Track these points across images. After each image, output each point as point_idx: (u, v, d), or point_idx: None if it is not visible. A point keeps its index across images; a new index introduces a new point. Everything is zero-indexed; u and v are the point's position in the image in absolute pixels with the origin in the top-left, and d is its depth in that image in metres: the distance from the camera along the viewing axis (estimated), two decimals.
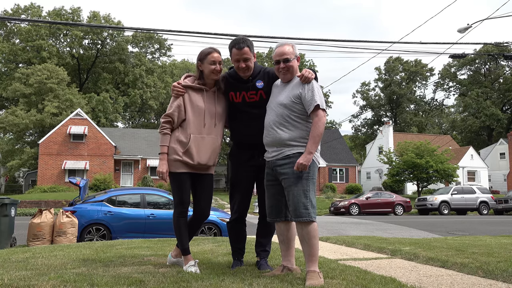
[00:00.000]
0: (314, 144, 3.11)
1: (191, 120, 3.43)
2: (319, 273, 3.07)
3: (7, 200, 8.21)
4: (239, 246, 3.73)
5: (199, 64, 3.51)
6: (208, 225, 9.42)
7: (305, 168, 3.07)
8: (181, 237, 3.51)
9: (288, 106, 3.22)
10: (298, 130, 3.20)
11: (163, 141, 3.45)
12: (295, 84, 3.28)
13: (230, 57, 3.49)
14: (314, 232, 3.13)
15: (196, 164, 3.44)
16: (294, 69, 3.32)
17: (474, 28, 16.05)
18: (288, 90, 3.28)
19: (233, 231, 3.73)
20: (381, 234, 10.77)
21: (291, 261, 3.40)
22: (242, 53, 3.37)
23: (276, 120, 3.24)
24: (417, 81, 65.39)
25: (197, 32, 11.78)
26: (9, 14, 46.47)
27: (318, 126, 3.12)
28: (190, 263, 3.40)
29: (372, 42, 23.97)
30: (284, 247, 3.41)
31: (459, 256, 4.27)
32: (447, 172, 30.23)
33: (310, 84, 3.21)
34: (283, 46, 3.32)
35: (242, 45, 3.38)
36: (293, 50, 3.31)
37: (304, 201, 3.11)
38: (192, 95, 3.47)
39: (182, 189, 3.47)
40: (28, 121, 36.16)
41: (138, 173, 35.09)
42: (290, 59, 3.28)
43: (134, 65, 52.15)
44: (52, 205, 21.48)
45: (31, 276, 3.08)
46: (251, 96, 3.49)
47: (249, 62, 3.40)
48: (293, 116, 3.21)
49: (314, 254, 3.12)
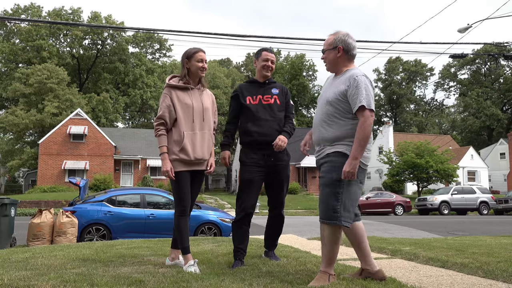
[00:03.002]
0: (360, 147, 2.85)
1: (182, 119, 3.54)
2: (330, 275, 2.96)
3: (7, 200, 8.21)
4: (242, 246, 3.77)
5: (186, 62, 3.65)
6: (208, 225, 9.42)
7: (353, 176, 2.85)
8: (181, 236, 3.53)
9: (333, 103, 3.03)
10: (343, 129, 2.99)
11: (161, 142, 3.53)
12: (343, 79, 3.05)
13: (257, 59, 3.97)
14: (337, 238, 2.95)
15: (193, 160, 3.54)
16: (331, 60, 3.13)
17: (474, 28, 16.05)
18: (335, 86, 3.09)
19: (238, 231, 3.78)
20: (381, 234, 10.77)
21: (367, 262, 3.11)
22: (271, 55, 3.96)
23: (321, 118, 3.10)
24: (417, 81, 65.43)
25: (198, 32, 11.77)
26: (9, 14, 46.47)
27: (364, 128, 2.85)
28: (190, 263, 3.40)
29: (372, 42, 23.93)
30: (355, 248, 3.20)
31: (459, 256, 4.27)
32: (447, 172, 30.22)
33: (355, 80, 2.94)
34: (328, 37, 3.18)
35: (271, 50, 4.05)
36: (332, 41, 3.11)
37: (334, 204, 2.92)
38: (179, 94, 3.59)
39: (182, 187, 3.52)
40: (28, 121, 36.15)
41: (138, 173, 35.07)
42: (325, 50, 3.16)
43: (134, 65, 52.16)
44: (52, 205, 21.48)
45: (31, 276, 3.08)
46: (266, 99, 3.87)
47: (273, 65, 3.96)
48: (337, 114, 3.01)
49: (330, 257, 2.98)
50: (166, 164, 3.46)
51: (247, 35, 20.19)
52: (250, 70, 62.00)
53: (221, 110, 46.51)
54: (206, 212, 9.67)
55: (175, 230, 3.65)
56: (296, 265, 3.65)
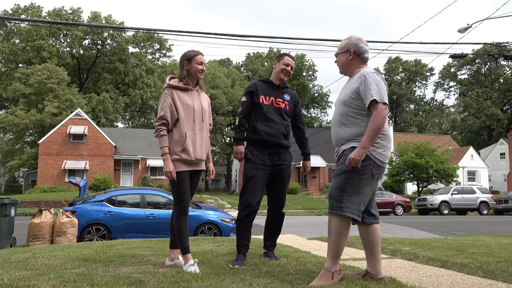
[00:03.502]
0: (369, 138, 2.89)
1: (183, 119, 3.55)
2: (334, 272, 2.94)
3: (7, 200, 8.21)
4: (246, 242, 3.84)
5: (186, 63, 3.67)
6: (208, 225, 9.43)
7: (357, 163, 2.88)
8: (181, 236, 3.53)
9: (347, 102, 3.09)
10: (358, 126, 3.03)
11: (163, 143, 3.52)
12: (355, 78, 3.13)
13: (278, 62, 4.04)
14: (341, 229, 2.94)
15: (194, 160, 3.57)
16: (343, 63, 3.23)
17: (474, 28, 16.06)
18: (348, 86, 3.17)
19: (243, 227, 3.84)
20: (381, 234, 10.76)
21: (375, 268, 3.11)
22: (292, 62, 4.06)
23: (337, 119, 3.16)
24: (417, 81, 65.45)
25: (198, 32, 11.76)
26: (9, 14, 46.47)
27: (376, 120, 2.89)
28: (190, 263, 3.40)
29: (372, 42, 23.85)
30: (366, 251, 3.19)
31: (459, 256, 4.27)
32: (447, 172, 30.22)
33: (366, 77, 3.01)
34: (342, 41, 3.29)
35: (293, 57, 4.15)
36: (344, 45, 3.22)
37: (338, 194, 2.95)
38: (180, 95, 3.60)
39: (182, 188, 3.53)
40: (28, 121, 36.15)
41: (138, 173, 35.07)
42: (338, 53, 3.27)
43: (134, 65, 52.16)
44: (52, 205, 21.48)
45: (31, 276, 3.08)
46: (278, 102, 3.98)
47: (292, 71, 4.06)
48: (352, 113, 3.06)
49: (334, 250, 2.97)
50: (169, 165, 3.46)
51: (247, 35, 20.20)
52: (250, 70, 61.96)
53: (221, 110, 46.49)
54: (206, 212, 9.67)
55: (173, 230, 3.65)
56: (296, 265, 3.65)
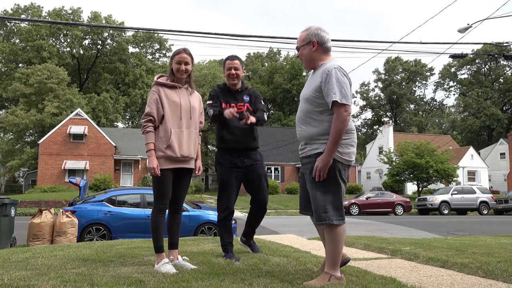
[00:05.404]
0: (333, 144, 2.84)
1: (169, 116, 3.55)
2: (331, 276, 2.92)
3: (7, 200, 8.21)
4: (230, 240, 4.04)
5: (170, 62, 3.73)
6: (208, 225, 9.43)
7: (324, 171, 2.86)
8: (157, 233, 3.50)
9: (309, 101, 3.00)
10: (321, 126, 2.95)
11: (148, 139, 3.51)
12: (318, 74, 2.99)
13: (224, 69, 4.13)
14: (336, 236, 2.92)
15: (180, 157, 3.54)
16: (307, 56, 3.08)
17: (474, 28, 16.05)
18: (311, 82, 3.04)
19: (225, 227, 4.06)
20: (381, 234, 10.77)
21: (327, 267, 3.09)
22: (234, 64, 4.07)
23: (301, 117, 3.08)
24: (417, 81, 65.43)
25: (198, 32, 11.76)
26: (9, 14, 46.49)
27: (336, 124, 2.83)
28: (164, 261, 3.39)
29: (372, 42, 23.91)
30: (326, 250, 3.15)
31: (459, 256, 4.27)
32: (447, 172, 30.23)
33: (327, 75, 2.87)
34: (300, 33, 3.11)
35: (234, 57, 4.12)
36: (305, 36, 3.06)
37: (322, 204, 2.91)
38: (167, 91, 3.61)
39: (164, 185, 3.51)
40: (28, 121, 36.16)
41: (138, 173, 35.07)
42: (299, 46, 3.11)
43: (134, 65, 52.17)
44: (52, 205, 21.48)
45: (31, 276, 3.08)
46: (239, 107, 4.04)
47: (239, 71, 4.07)
48: (315, 112, 2.97)
49: (331, 258, 2.96)
50: (153, 161, 3.44)
51: (247, 35, 20.22)
52: (250, 70, 61.99)
53: None
54: (206, 212, 9.67)
55: (170, 230, 3.65)
56: (296, 265, 3.65)
